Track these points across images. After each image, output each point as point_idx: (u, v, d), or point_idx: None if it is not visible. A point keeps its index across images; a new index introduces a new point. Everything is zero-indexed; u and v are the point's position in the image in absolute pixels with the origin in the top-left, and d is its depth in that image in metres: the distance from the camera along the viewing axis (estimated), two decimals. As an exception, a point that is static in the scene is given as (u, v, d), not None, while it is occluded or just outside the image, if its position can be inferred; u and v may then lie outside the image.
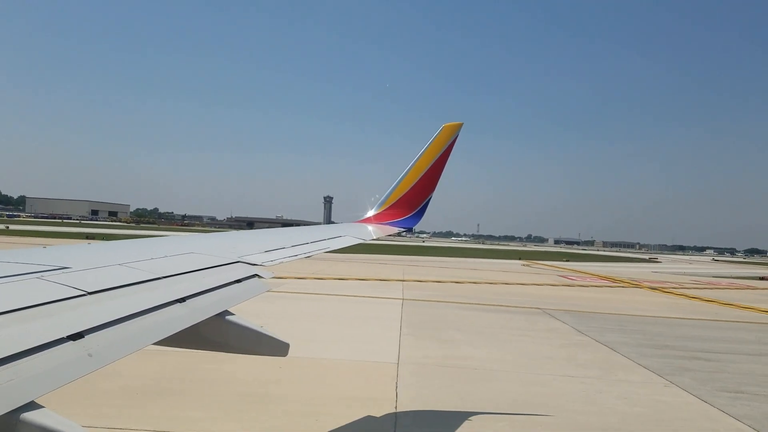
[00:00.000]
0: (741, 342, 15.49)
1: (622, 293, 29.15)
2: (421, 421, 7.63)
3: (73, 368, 1.73)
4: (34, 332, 1.77)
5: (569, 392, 9.34)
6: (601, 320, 18.07)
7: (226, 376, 8.91)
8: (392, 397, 8.47)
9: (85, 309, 2.08)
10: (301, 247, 4.63)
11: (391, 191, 7.68)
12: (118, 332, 2.04)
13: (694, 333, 16.44)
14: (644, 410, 8.56)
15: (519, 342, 13.65)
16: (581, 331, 15.53)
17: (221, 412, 7.49)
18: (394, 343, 12.51)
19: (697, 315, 20.80)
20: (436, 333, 14.16)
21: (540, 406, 8.40)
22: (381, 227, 7.35)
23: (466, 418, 7.75)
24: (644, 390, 9.74)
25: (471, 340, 13.46)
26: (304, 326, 13.97)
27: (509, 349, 12.69)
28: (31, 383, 1.57)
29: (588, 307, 21.38)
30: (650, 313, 20.62)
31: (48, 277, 2.30)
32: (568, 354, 12.48)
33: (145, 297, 2.43)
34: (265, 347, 3.05)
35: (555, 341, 13.98)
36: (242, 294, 3.04)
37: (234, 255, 3.69)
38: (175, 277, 2.84)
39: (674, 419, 8.28)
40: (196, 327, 2.54)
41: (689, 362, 12.22)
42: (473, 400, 8.67)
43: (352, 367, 10.38)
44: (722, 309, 23.44)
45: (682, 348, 13.91)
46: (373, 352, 11.68)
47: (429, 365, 10.74)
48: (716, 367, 11.87)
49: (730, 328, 17.94)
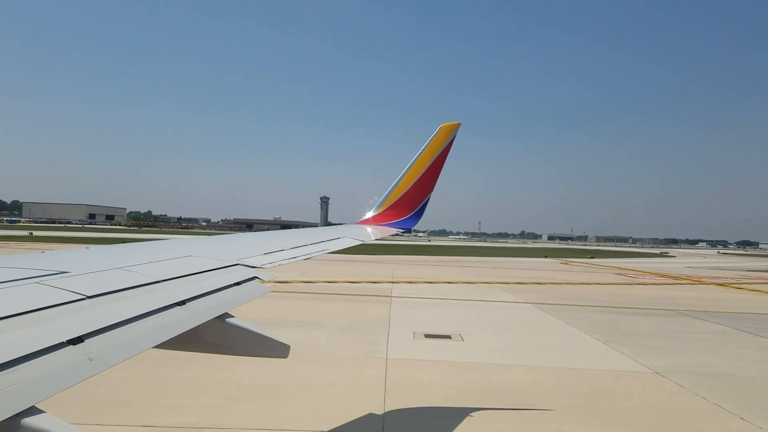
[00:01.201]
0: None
1: (711, 291, 28.52)
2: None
3: (73, 372, 1.72)
4: (34, 337, 1.76)
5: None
6: (754, 321, 17.91)
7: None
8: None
9: (84, 313, 2.07)
10: (301, 249, 4.62)
11: (390, 192, 7.67)
12: (118, 336, 2.03)
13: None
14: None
15: (724, 347, 13.53)
16: (755, 333, 15.54)
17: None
18: (615, 353, 12.43)
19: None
20: (629, 339, 13.99)
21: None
22: (380, 228, 7.34)
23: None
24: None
25: (677, 347, 13.36)
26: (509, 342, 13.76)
27: (726, 354, 12.67)
28: (31, 388, 1.56)
29: (713, 307, 21.21)
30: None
31: (47, 282, 2.30)
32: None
33: (144, 300, 2.42)
34: (266, 349, 3.04)
35: (746, 344, 14.07)
36: (242, 296, 3.03)
37: (233, 257, 3.68)
38: (174, 280, 2.83)
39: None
40: (197, 330, 2.53)
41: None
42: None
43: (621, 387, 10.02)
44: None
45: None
46: (618, 363, 11.60)
47: (693, 374, 10.70)
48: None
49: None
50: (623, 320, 17.28)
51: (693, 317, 18.39)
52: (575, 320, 16.79)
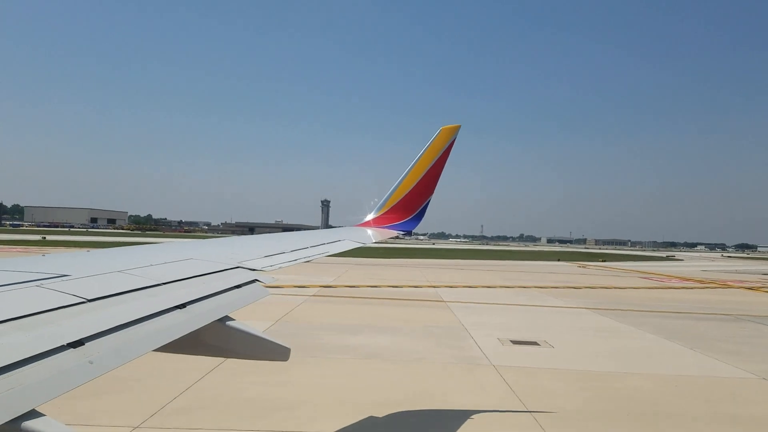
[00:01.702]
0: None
1: (745, 295, 28.13)
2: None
3: (73, 376, 1.72)
4: (35, 340, 1.76)
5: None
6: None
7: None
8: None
9: (85, 316, 2.08)
10: (301, 252, 4.62)
11: (390, 195, 7.65)
12: (119, 339, 2.03)
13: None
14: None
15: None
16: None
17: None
18: (708, 359, 12.18)
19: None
20: (713, 345, 13.68)
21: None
22: (380, 231, 7.33)
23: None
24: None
25: (762, 352, 13.07)
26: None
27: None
28: (31, 391, 1.57)
29: (764, 311, 20.83)
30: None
31: (48, 285, 2.30)
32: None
33: (145, 303, 2.42)
34: (267, 352, 3.04)
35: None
36: (242, 299, 3.03)
37: (234, 260, 3.68)
38: (174, 283, 2.84)
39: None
40: (197, 333, 2.53)
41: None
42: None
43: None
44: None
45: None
46: (719, 369, 11.36)
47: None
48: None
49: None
50: (690, 326, 16.88)
51: (754, 322, 18.06)
52: (646, 326, 16.38)
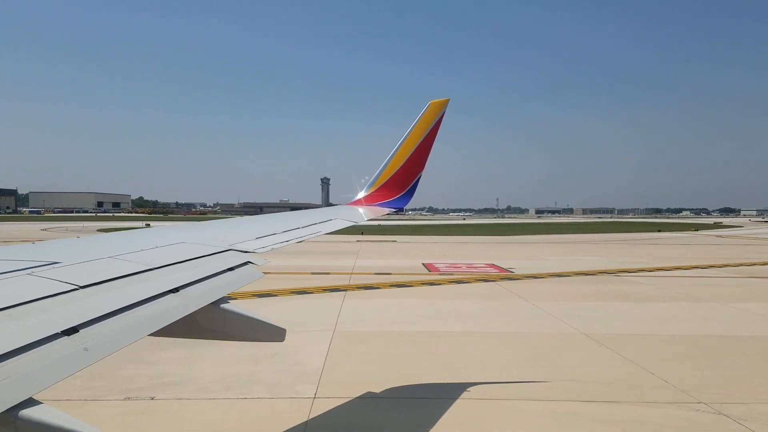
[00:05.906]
0: None
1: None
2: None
3: (69, 363, 1.72)
4: (28, 329, 1.76)
5: None
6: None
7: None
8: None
9: (78, 303, 2.07)
10: (293, 233, 4.61)
11: (380, 172, 7.59)
12: (113, 325, 2.03)
13: None
14: None
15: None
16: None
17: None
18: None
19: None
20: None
21: None
22: (372, 209, 7.29)
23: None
24: None
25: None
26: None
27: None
28: (28, 380, 1.57)
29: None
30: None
31: (39, 273, 2.28)
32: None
33: (138, 288, 2.41)
34: (262, 333, 3.06)
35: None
36: (236, 282, 3.02)
37: (225, 243, 3.67)
38: (167, 267, 2.82)
39: None
40: (192, 316, 2.54)
41: None
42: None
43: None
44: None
45: None
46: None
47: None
48: None
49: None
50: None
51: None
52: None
